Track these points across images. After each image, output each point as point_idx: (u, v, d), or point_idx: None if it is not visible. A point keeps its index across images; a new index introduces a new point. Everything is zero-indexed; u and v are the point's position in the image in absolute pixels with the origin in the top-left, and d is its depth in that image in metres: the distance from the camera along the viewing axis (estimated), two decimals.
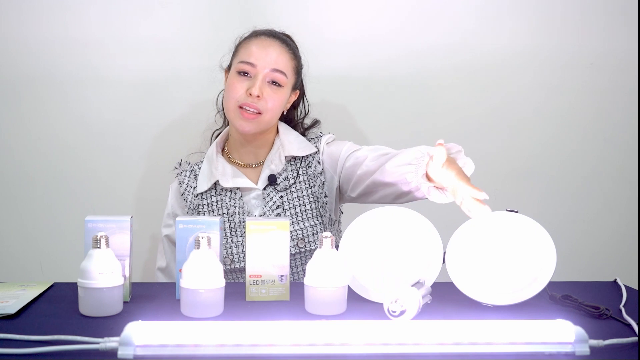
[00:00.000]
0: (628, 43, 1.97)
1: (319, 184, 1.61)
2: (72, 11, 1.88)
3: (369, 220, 1.29)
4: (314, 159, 1.62)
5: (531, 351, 0.96)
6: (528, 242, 1.23)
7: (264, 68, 1.54)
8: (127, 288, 1.20)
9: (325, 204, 1.61)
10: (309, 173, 1.61)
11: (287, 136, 1.64)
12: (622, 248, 2.02)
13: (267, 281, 1.24)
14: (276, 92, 1.55)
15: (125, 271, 1.19)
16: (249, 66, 1.54)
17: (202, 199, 1.61)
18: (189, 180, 1.64)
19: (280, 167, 1.60)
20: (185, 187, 1.64)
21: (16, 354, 0.94)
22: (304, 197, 1.59)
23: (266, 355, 0.94)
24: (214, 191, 1.61)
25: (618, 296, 1.30)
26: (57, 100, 1.90)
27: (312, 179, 1.61)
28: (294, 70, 1.60)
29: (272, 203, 1.58)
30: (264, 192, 1.59)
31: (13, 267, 1.91)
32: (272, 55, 1.55)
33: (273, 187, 1.59)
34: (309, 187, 1.60)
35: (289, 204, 1.58)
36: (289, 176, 1.60)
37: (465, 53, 1.95)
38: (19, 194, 1.91)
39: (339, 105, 1.94)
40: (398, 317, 1.07)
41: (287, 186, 1.59)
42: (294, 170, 1.61)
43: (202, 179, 1.62)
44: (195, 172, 1.65)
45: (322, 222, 1.59)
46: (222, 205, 1.59)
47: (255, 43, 1.57)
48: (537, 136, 2.00)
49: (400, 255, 1.25)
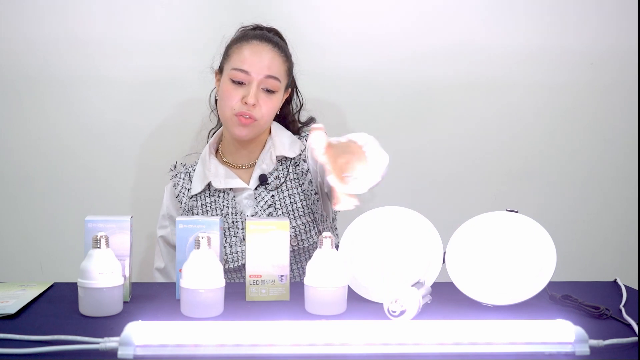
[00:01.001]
0: (628, 43, 1.97)
1: (307, 182, 1.61)
2: (72, 11, 1.87)
3: (369, 220, 1.29)
4: (300, 157, 1.63)
5: (531, 351, 0.96)
6: (528, 242, 1.23)
7: (258, 75, 1.54)
8: (127, 288, 1.20)
9: (317, 201, 1.61)
10: (297, 172, 1.62)
11: (279, 137, 1.64)
12: (622, 248, 2.02)
13: (267, 281, 1.24)
14: (270, 98, 1.56)
15: (125, 271, 1.19)
16: (242, 74, 1.54)
17: (197, 200, 1.62)
18: (184, 182, 1.65)
19: (272, 166, 1.61)
20: (179, 189, 1.65)
21: (16, 354, 0.94)
22: (295, 195, 1.59)
23: (266, 355, 0.94)
24: (208, 192, 1.62)
25: (618, 296, 1.30)
26: (57, 100, 1.89)
27: (300, 177, 1.61)
28: (286, 73, 1.60)
29: (264, 202, 1.58)
30: (256, 191, 1.60)
31: (13, 267, 1.91)
32: (264, 62, 1.54)
33: (264, 187, 1.60)
34: (298, 186, 1.60)
35: (280, 202, 1.58)
36: (280, 175, 1.61)
37: (464, 53, 1.95)
38: (19, 194, 1.91)
39: (332, 103, 1.94)
40: (398, 317, 1.08)
41: (277, 185, 1.59)
42: (284, 169, 1.62)
43: (196, 180, 1.63)
44: (189, 174, 1.66)
45: (314, 220, 1.59)
46: (216, 207, 1.60)
47: (247, 48, 1.56)
48: (537, 136, 2.00)
49: (400, 255, 1.25)
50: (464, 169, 1.98)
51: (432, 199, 1.97)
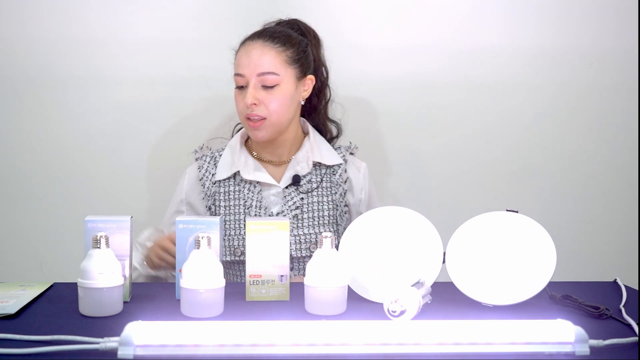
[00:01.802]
0: (629, 43, 1.97)
1: (340, 193, 1.62)
2: (72, 11, 1.87)
3: (369, 220, 1.29)
4: (339, 168, 1.64)
5: (531, 351, 0.96)
6: (528, 242, 1.23)
7: (251, 76, 1.53)
8: (127, 288, 1.20)
9: (345, 214, 1.63)
10: (333, 180, 1.62)
11: (317, 143, 1.64)
12: (622, 248, 2.02)
13: (267, 281, 1.24)
14: (272, 94, 1.54)
15: (125, 271, 1.19)
16: (239, 77, 1.55)
17: (220, 186, 1.60)
18: (209, 166, 1.63)
19: (307, 170, 1.61)
20: (204, 173, 1.63)
21: (16, 354, 0.94)
22: (323, 203, 1.60)
23: (266, 355, 0.94)
24: (233, 181, 1.60)
25: (618, 296, 1.30)
26: (57, 100, 1.89)
27: (334, 187, 1.62)
28: (287, 62, 1.56)
29: (292, 203, 1.58)
30: (285, 190, 1.59)
31: (13, 267, 1.91)
32: (254, 60, 1.53)
33: (295, 188, 1.59)
34: (330, 194, 1.61)
35: (308, 207, 1.59)
36: (312, 180, 1.61)
37: (464, 54, 1.95)
38: (19, 194, 1.91)
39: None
40: (398, 317, 1.07)
41: (309, 189, 1.60)
42: (318, 175, 1.62)
43: (223, 166, 1.61)
44: (215, 159, 1.64)
45: (337, 230, 1.60)
46: (240, 196, 1.59)
47: (240, 51, 1.57)
48: (537, 136, 2.00)
49: (400, 255, 1.25)
50: (464, 169, 1.98)
51: (432, 199, 1.97)
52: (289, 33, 1.60)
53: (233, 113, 1.67)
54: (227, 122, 1.81)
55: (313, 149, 1.62)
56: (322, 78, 1.69)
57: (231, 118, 1.78)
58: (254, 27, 1.65)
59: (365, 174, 1.69)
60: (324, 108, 1.73)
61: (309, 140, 1.64)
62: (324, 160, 1.62)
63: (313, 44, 1.66)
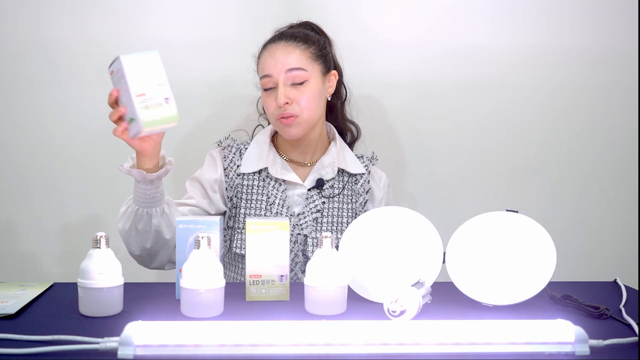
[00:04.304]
0: (628, 43, 1.97)
1: (361, 202, 1.63)
2: (72, 11, 1.87)
3: (369, 220, 1.29)
4: (362, 177, 1.65)
5: (531, 351, 0.96)
6: (528, 242, 1.23)
7: (279, 74, 1.53)
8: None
9: None
10: (354, 189, 1.63)
11: (343, 152, 1.65)
12: (622, 248, 2.02)
13: (267, 281, 1.24)
14: (303, 91, 1.54)
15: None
16: (267, 79, 1.55)
17: (244, 179, 1.60)
18: (234, 157, 1.62)
19: (331, 175, 1.61)
20: (228, 163, 1.62)
21: (16, 354, 0.93)
22: (343, 210, 1.61)
23: (266, 355, 0.94)
24: (258, 176, 1.60)
25: (618, 296, 1.30)
26: (57, 100, 1.89)
27: (355, 195, 1.63)
28: (312, 58, 1.56)
29: (314, 205, 1.59)
30: (309, 192, 1.60)
31: (13, 267, 1.91)
32: (280, 59, 1.54)
33: (318, 191, 1.60)
34: (350, 202, 1.62)
35: (328, 212, 1.60)
36: (335, 186, 1.62)
37: (463, 54, 1.95)
38: (19, 194, 1.91)
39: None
40: (398, 317, 1.08)
41: (331, 194, 1.60)
42: (341, 181, 1.63)
43: (249, 160, 1.61)
44: (240, 151, 1.64)
45: None
46: (264, 192, 1.59)
47: (263, 55, 1.58)
48: (537, 136, 2.00)
49: (400, 255, 1.25)
50: (464, 169, 1.98)
51: (432, 199, 1.97)
52: (307, 32, 1.61)
53: (247, 115, 1.66)
54: (243, 124, 1.82)
55: (339, 156, 1.63)
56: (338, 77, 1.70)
57: (246, 121, 1.78)
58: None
59: (385, 184, 1.70)
60: (341, 107, 1.74)
61: (336, 146, 1.65)
62: (349, 168, 1.63)
63: (328, 42, 1.67)
